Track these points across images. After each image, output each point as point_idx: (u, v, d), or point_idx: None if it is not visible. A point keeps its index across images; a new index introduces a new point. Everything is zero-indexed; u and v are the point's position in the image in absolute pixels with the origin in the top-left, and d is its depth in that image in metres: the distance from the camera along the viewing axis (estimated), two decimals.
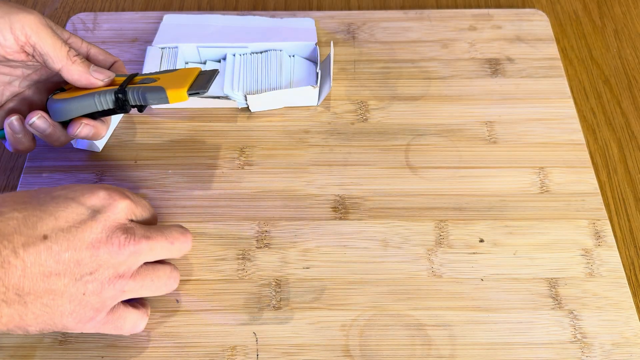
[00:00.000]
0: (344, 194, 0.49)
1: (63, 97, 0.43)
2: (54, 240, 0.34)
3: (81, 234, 0.35)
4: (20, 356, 0.42)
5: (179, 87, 0.42)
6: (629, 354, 0.42)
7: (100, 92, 0.43)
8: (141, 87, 0.43)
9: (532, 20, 0.60)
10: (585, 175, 0.50)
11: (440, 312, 0.44)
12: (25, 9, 0.40)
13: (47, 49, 0.40)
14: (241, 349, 0.42)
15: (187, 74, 0.44)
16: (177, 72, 0.45)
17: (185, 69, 0.45)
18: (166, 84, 0.43)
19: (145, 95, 0.43)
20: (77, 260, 0.35)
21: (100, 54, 0.46)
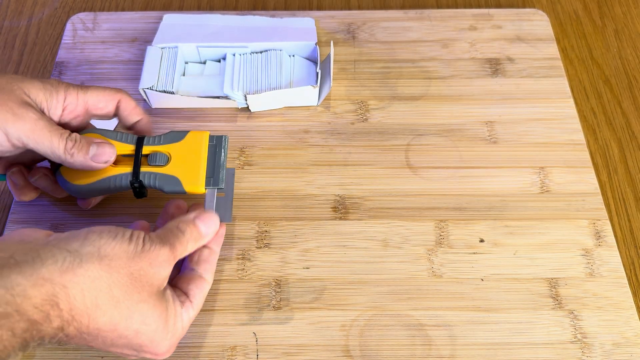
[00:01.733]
0: (344, 194, 0.49)
1: (76, 183, 0.42)
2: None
3: None
4: (21, 356, 0.42)
5: (195, 182, 0.42)
6: (629, 354, 0.42)
7: (116, 179, 0.42)
8: (157, 177, 0.42)
9: (533, 20, 0.60)
10: (586, 175, 0.50)
11: (440, 312, 0.44)
12: (20, 114, 0.38)
13: (45, 150, 0.40)
14: (241, 349, 0.42)
15: (197, 146, 0.43)
16: (186, 142, 0.44)
17: (193, 135, 0.44)
18: (180, 171, 0.42)
19: (162, 187, 0.42)
20: None
21: (100, 101, 0.43)
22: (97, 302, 0.32)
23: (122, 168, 0.42)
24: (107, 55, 0.57)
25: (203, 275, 0.40)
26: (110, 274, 0.33)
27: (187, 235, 0.38)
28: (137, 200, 0.47)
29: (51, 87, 0.41)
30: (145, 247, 0.35)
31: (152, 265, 0.35)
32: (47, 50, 0.60)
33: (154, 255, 0.35)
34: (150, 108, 0.54)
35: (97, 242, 0.33)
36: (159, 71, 0.53)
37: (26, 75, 0.57)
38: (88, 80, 0.56)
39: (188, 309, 0.38)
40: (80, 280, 0.31)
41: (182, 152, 0.43)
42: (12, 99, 0.38)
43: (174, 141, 0.44)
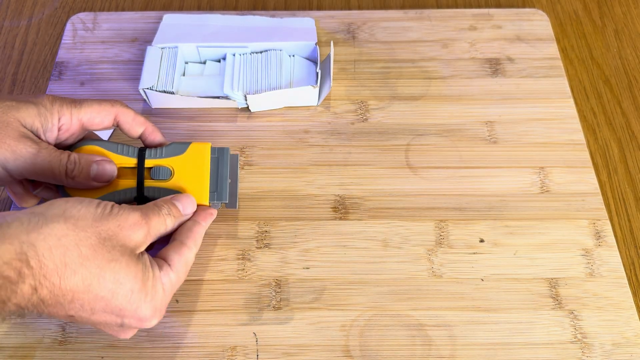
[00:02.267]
0: (344, 194, 0.49)
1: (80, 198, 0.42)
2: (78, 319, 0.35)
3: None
4: (20, 356, 0.42)
5: (200, 197, 0.42)
6: (629, 354, 0.42)
7: (120, 194, 0.42)
8: (161, 192, 0.42)
9: (533, 20, 0.60)
10: (586, 175, 0.50)
11: (440, 312, 0.44)
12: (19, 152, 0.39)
13: (47, 179, 0.41)
14: (241, 349, 0.42)
15: (199, 159, 0.43)
16: (188, 155, 0.43)
17: (195, 147, 0.44)
18: (184, 185, 0.42)
19: None
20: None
21: (96, 116, 0.43)
22: (65, 260, 0.32)
23: (125, 182, 0.42)
24: (107, 55, 0.57)
25: (183, 241, 0.40)
26: (76, 232, 0.33)
27: (163, 210, 0.39)
28: None
29: (45, 110, 0.41)
30: (113, 211, 0.36)
31: (122, 227, 0.35)
32: (47, 50, 0.60)
33: (123, 219, 0.36)
34: (150, 108, 0.54)
35: (63, 205, 0.34)
36: (159, 71, 0.53)
37: (21, 91, 0.58)
38: (88, 80, 0.56)
39: (167, 272, 0.38)
40: (47, 239, 0.32)
41: (184, 165, 0.43)
42: (9, 134, 0.39)
43: (176, 154, 0.43)
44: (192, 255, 0.40)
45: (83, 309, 0.34)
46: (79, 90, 0.55)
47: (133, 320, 0.36)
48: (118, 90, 0.55)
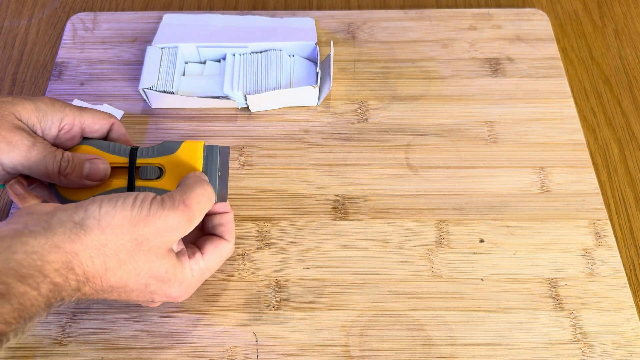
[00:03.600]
0: (344, 194, 0.49)
1: (72, 199, 0.42)
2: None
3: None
4: (20, 356, 0.42)
5: None
6: (629, 354, 0.42)
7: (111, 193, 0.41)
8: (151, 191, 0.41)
9: (532, 20, 0.60)
10: (586, 175, 0.50)
11: (440, 312, 0.44)
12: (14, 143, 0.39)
13: (40, 174, 0.41)
14: (241, 349, 0.42)
15: (192, 157, 0.42)
16: (180, 154, 0.42)
17: (187, 146, 0.43)
18: (175, 183, 0.42)
19: None
20: None
21: (95, 123, 0.43)
22: (106, 266, 0.34)
23: (116, 182, 0.42)
24: (107, 55, 0.57)
25: (222, 235, 0.42)
26: (115, 241, 0.34)
27: (206, 190, 0.39)
28: None
29: (45, 107, 0.41)
30: (151, 211, 0.36)
31: (159, 231, 0.36)
32: (47, 50, 0.60)
33: (162, 222, 0.36)
34: (150, 108, 0.54)
35: (97, 213, 0.35)
36: (159, 71, 0.53)
37: (21, 91, 0.58)
38: (88, 80, 0.56)
39: (198, 261, 0.40)
40: (88, 248, 0.34)
41: (176, 164, 0.42)
42: (4, 126, 0.39)
43: (168, 153, 0.42)
44: (229, 247, 0.42)
45: (120, 296, 0.37)
46: (79, 91, 0.55)
47: (163, 297, 0.39)
48: (118, 90, 0.55)
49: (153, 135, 0.52)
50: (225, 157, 0.44)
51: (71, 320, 0.43)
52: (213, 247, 0.41)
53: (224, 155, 0.44)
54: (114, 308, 0.44)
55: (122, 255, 0.35)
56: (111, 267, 0.35)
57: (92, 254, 0.34)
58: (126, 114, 0.54)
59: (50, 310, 0.33)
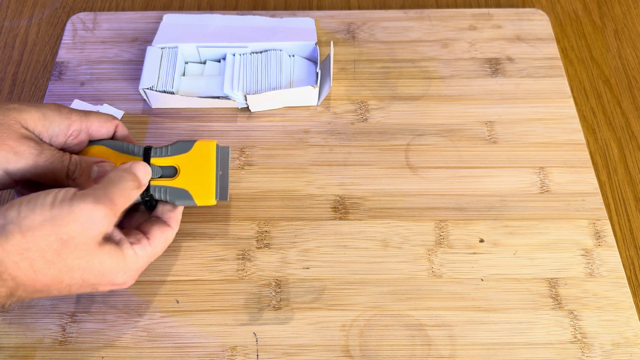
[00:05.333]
0: (344, 194, 0.49)
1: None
2: None
3: None
4: (20, 356, 0.42)
5: (206, 195, 0.42)
6: (629, 354, 0.42)
7: None
8: (167, 190, 0.42)
9: (532, 20, 0.60)
10: (586, 175, 0.50)
11: (440, 312, 0.44)
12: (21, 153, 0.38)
13: (48, 181, 0.40)
14: (241, 349, 0.42)
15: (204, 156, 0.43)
16: (194, 153, 0.43)
17: (201, 145, 0.43)
18: (190, 184, 0.42)
19: (173, 200, 0.42)
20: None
21: (102, 126, 0.43)
22: (34, 269, 0.34)
23: None
24: (107, 55, 0.57)
25: (167, 222, 0.42)
26: (37, 243, 0.33)
27: (128, 186, 0.38)
28: None
29: (52, 114, 0.41)
30: (73, 207, 0.34)
31: (84, 225, 0.34)
32: (47, 50, 0.60)
33: (85, 216, 0.35)
34: (151, 108, 0.54)
35: (16, 218, 0.34)
36: (159, 71, 0.53)
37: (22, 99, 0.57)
38: (88, 80, 0.56)
39: (144, 245, 0.39)
40: (10, 254, 0.33)
41: (190, 163, 0.43)
42: (11, 136, 0.38)
43: (182, 152, 0.43)
44: (173, 234, 0.42)
45: (60, 292, 0.36)
46: (79, 90, 0.55)
47: (108, 286, 0.38)
48: (118, 90, 0.55)
49: (153, 135, 0.52)
50: (225, 157, 0.45)
51: (71, 320, 0.44)
52: (160, 232, 0.40)
53: (224, 155, 0.45)
54: (114, 308, 0.44)
55: (49, 256, 0.34)
56: (40, 268, 0.34)
57: (17, 259, 0.33)
58: (126, 114, 0.54)
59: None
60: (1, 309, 0.33)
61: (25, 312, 0.44)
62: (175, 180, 0.42)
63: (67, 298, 0.44)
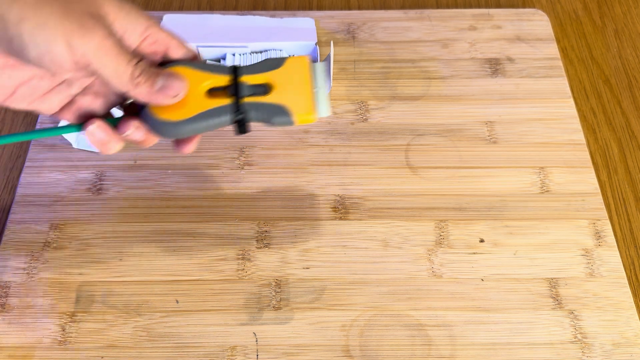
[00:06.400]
0: (344, 194, 0.49)
1: (168, 119, 0.37)
2: None
3: None
4: (20, 356, 0.42)
5: (306, 110, 0.38)
6: (629, 354, 0.42)
7: (215, 112, 0.37)
8: (263, 107, 0.38)
9: (532, 20, 0.60)
10: (586, 175, 0.50)
11: (440, 312, 0.44)
12: (88, 28, 0.34)
13: (109, 73, 0.35)
14: (241, 349, 0.42)
15: (299, 70, 0.39)
16: (286, 68, 0.39)
17: (293, 60, 0.39)
18: (287, 99, 0.38)
19: (268, 118, 0.38)
20: None
21: (181, 46, 0.38)
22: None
23: (220, 100, 0.37)
24: None
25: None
26: None
27: None
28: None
29: (130, 9, 0.36)
30: None
31: None
32: None
33: None
34: None
35: None
36: None
37: None
38: None
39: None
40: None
41: (284, 79, 0.38)
42: (82, 9, 0.34)
43: (273, 68, 0.38)
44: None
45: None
46: None
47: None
48: None
49: None
50: (321, 73, 0.40)
51: (71, 320, 0.43)
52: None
53: (320, 71, 0.40)
54: (114, 308, 0.44)
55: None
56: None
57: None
58: None
59: None
60: None
61: (25, 312, 0.44)
62: (269, 96, 0.38)
63: (66, 298, 0.44)
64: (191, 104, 0.37)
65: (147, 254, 0.46)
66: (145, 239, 0.47)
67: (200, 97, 0.37)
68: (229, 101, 0.37)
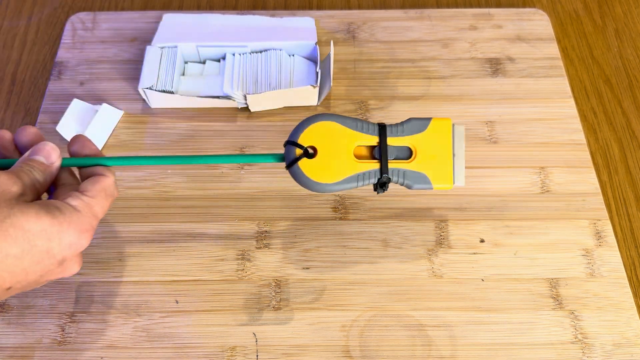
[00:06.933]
0: (344, 194, 0.49)
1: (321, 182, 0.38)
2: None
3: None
4: (20, 356, 0.42)
5: (444, 180, 0.40)
6: (629, 354, 0.42)
7: (364, 176, 0.39)
8: (405, 174, 0.39)
9: (533, 19, 0.60)
10: (586, 175, 0.50)
11: (440, 312, 0.44)
12: None
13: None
14: (241, 349, 0.42)
15: (441, 135, 0.40)
16: (429, 132, 0.40)
17: (437, 123, 0.40)
18: (428, 166, 0.39)
19: (410, 184, 0.40)
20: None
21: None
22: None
23: (368, 164, 0.39)
24: (107, 55, 0.57)
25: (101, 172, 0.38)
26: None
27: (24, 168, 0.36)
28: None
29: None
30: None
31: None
32: (47, 50, 0.60)
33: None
34: (150, 108, 0.54)
35: None
36: (159, 71, 0.53)
37: (21, 99, 0.57)
38: (87, 80, 0.55)
39: (76, 196, 0.36)
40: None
41: (426, 144, 0.40)
42: None
43: (417, 131, 0.40)
44: (110, 180, 0.38)
45: (14, 275, 0.33)
46: (78, 90, 0.55)
47: (65, 250, 0.35)
48: (117, 90, 0.55)
49: (153, 135, 0.52)
50: (460, 136, 0.41)
51: (71, 320, 0.43)
52: (91, 183, 0.37)
53: (459, 135, 0.41)
54: (114, 308, 0.44)
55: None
56: None
57: None
58: (126, 113, 0.54)
59: None
60: None
61: (24, 312, 0.44)
62: (413, 163, 0.39)
63: (66, 298, 0.44)
64: (341, 165, 0.39)
65: (147, 254, 0.46)
66: (144, 239, 0.47)
67: (349, 158, 0.39)
68: (376, 166, 0.39)
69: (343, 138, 0.39)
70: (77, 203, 0.36)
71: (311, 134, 0.39)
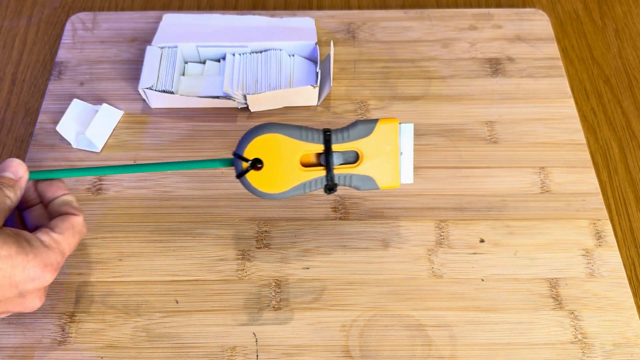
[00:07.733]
0: (344, 194, 0.49)
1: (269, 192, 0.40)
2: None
3: None
4: (20, 356, 0.42)
5: (391, 180, 0.41)
6: (630, 354, 0.42)
7: (311, 184, 0.40)
8: (352, 178, 0.41)
9: (533, 19, 0.60)
10: (586, 175, 0.50)
11: (440, 312, 0.44)
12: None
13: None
14: (241, 349, 0.42)
15: (387, 137, 0.40)
16: (376, 135, 0.40)
17: (382, 126, 0.40)
18: (374, 169, 0.41)
19: (357, 187, 0.41)
20: None
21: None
22: None
23: (314, 172, 0.40)
24: (107, 55, 0.57)
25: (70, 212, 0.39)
26: None
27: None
28: None
29: None
30: None
31: None
32: (47, 50, 0.60)
33: None
34: (150, 108, 0.54)
35: None
36: (159, 71, 0.53)
37: (21, 90, 0.57)
38: (87, 80, 0.55)
39: (45, 232, 0.37)
40: None
41: (372, 146, 0.40)
42: None
43: (364, 135, 0.40)
44: (80, 220, 0.39)
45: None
46: (78, 90, 0.55)
47: (27, 283, 0.36)
48: (117, 90, 0.55)
49: (153, 134, 0.52)
50: (407, 135, 0.42)
51: (70, 320, 0.43)
52: (60, 220, 0.38)
53: (407, 133, 0.42)
54: (114, 308, 0.44)
55: None
56: None
57: None
58: (126, 113, 0.54)
59: None
60: None
61: (24, 312, 0.44)
62: (359, 167, 0.40)
63: (66, 298, 0.44)
64: (287, 175, 0.40)
65: (147, 254, 0.46)
66: (144, 239, 0.47)
67: (294, 168, 0.40)
68: (323, 173, 0.40)
69: (287, 149, 0.40)
70: (46, 239, 0.37)
71: (257, 146, 0.40)
